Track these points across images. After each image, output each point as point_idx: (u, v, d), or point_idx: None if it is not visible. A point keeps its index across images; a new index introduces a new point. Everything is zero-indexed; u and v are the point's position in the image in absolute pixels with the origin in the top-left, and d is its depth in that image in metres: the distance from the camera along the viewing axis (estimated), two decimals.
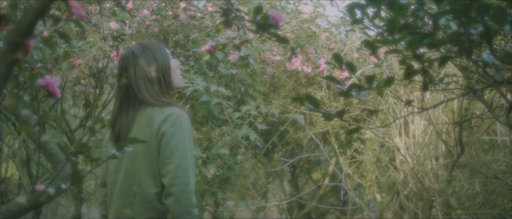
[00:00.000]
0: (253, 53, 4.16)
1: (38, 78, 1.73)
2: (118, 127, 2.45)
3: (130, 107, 2.45)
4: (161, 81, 2.48)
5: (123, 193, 2.43)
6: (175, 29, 4.36)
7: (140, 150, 2.36)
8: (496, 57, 1.68)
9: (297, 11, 4.96)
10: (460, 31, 1.58)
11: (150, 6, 4.48)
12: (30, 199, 1.78)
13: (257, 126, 4.03)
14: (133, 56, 2.46)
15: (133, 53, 2.47)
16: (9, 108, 2.02)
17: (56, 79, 1.73)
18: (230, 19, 2.10)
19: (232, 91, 4.30)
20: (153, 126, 2.35)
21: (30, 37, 1.47)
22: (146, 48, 2.49)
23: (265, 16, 2.00)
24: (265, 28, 2.02)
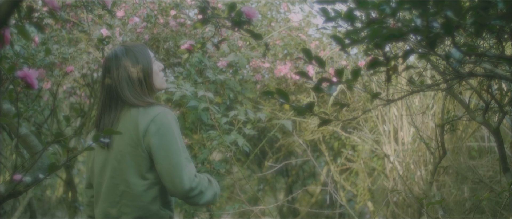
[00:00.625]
0: (241, 60, 4.22)
1: (16, 70, 1.78)
2: (101, 126, 2.50)
3: (113, 108, 2.49)
4: (142, 83, 2.52)
5: (109, 193, 2.47)
6: (166, 37, 4.43)
7: (126, 150, 2.41)
8: (458, 50, 1.74)
9: (287, 20, 5.03)
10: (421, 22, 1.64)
11: (141, 14, 4.56)
12: (7, 188, 1.83)
13: (245, 132, 4.07)
14: (116, 57, 2.51)
15: (116, 55, 2.52)
16: None
17: (34, 72, 1.79)
18: (207, 17, 2.17)
19: (222, 98, 4.35)
20: (139, 126, 2.40)
21: (5, 27, 1.53)
22: (129, 50, 2.54)
23: (239, 13, 2.07)
24: (239, 24, 2.09)
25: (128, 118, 2.44)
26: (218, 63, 4.22)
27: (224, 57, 4.25)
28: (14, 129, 2.04)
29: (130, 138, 2.40)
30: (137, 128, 2.40)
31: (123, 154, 2.43)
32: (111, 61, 2.52)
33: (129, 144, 2.41)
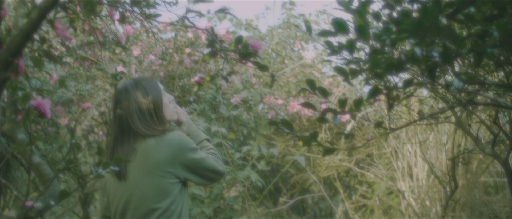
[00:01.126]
0: (255, 97, 4.28)
1: (30, 100, 1.85)
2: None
3: (126, 140, 2.51)
4: (153, 114, 2.53)
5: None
6: (181, 74, 4.52)
7: (148, 179, 2.39)
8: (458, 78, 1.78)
9: (300, 57, 5.11)
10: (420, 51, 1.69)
11: (156, 52, 4.66)
12: (19, 214, 1.88)
13: (259, 167, 4.10)
14: (126, 90, 2.55)
15: (126, 88, 2.56)
16: (7, 132, 2.14)
17: (47, 101, 1.85)
18: (215, 50, 2.23)
19: (235, 134, 4.40)
20: (161, 155, 2.41)
21: (20, 56, 1.60)
22: (139, 82, 2.59)
23: (245, 45, 2.13)
24: (246, 56, 2.15)
25: (146, 147, 2.44)
26: (231, 99, 4.28)
27: (237, 94, 4.32)
28: (27, 157, 2.10)
29: (152, 166, 2.41)
30: (158, 156, 2.41)
31: (145, 183, 2.42)
32: (121, 94, 2.56)
33: (151, 172, 2.41)
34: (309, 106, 2.10)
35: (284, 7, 5.62)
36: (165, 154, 2.41)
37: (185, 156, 2.42)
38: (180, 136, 2.47)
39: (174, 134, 2.47)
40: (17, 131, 2.13)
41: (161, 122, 2.58)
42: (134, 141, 2.49)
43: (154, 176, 2.42)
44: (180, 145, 2.43)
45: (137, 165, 2.43)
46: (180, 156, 2.42)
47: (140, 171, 2.43)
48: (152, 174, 2.41)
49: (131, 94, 2.53)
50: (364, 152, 5.09)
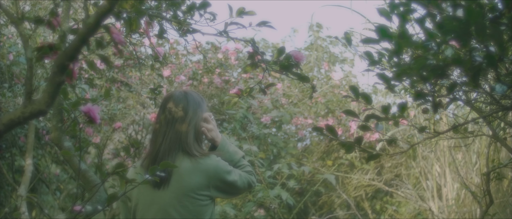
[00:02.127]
0: (285, 116, 4.32)
1: (80, 105, 1.90)
2: (158, 161, 2.42)
3: (172, 152, 2.46)
4: (199, 134, 2.54)
5: None
6: (211, 94, 4.58)
7: (183, 197, 2.41)
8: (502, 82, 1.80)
9: (328, 78, 5.15)
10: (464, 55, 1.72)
11: (187, 73, 4.73)
12: (68, 217, 1.92)
13: (290, 185, 4.12)
14: (194, 102, 2.52)
15: (194, 99, 2.53)
16: (53, 141, 2.20)
17: (97, 107, 1.91)
18: (256, 62, 2.28)
19: (265, 153, 4.42)
20: (197, 179, 2.42)
21: (75, 60, 1.66)
22: (202, 98, 2.60)
23: (288, 57, 2.17)
24: (287, 68, 2.19)
25: (183, 169, 2.43)
26: (261, 119, 4.32)
27: (267, 113, 4.35)
28: (75, 164, 2.15)
29: (188, 189, 2.40)
30: (195, 180, 2.41)
31: (182, 205, 2.42)
32: (188, 104, 2.51)
33: (187, 194, 2.41)
34: (351, 114, 2.13)
35: (311, 29, 5.68)
36: (202, 180, 2.42)
37: (221, 179, 2.44)
38: (216, 162, 2.47)
39: (211, 160, 2.46)
40: (63, 139, 2.18)
41: (201, 142, 2.59)
42: (176, 155, 2.48)
43: (190, 198, 2.41)
44: (216, 170, 2.43)
45: (172, 184, 2.42)
46: (216, 180, 2.44)
47: (175, 192, 2.42)
48: (188, 197, 2.41)
49: (197, 110, 2.53)
50: (393, 172, 5.08)
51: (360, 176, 4.90)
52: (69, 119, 2.21)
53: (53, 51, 1.78)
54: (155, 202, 2.44)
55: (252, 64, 2.27)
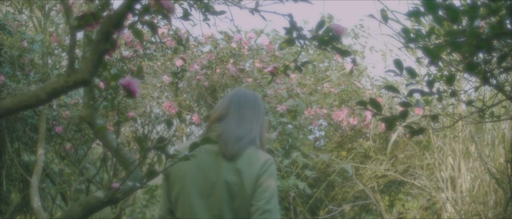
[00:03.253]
0: (300, 105, 4.26)
1: (119, 78, 1.84)
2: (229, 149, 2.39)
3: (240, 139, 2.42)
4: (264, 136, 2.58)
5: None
6: (225, 83, 4.52)
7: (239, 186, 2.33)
8: None
9: (342, 68, 5.10)
10: None
11: (199, 63, 4.67)
12: (107, 194, 1.86)
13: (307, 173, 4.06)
14: (260, 104, 2.57)
15: (259, 101, 2.57)
16: (85, 118, 2.13)
17: (137, 80, 1.85)
18: (293, 38, 2.22)
19: (280, 143, 4.37)
20: (256, 167, 2.36)
21: (121, 28, 1.60)
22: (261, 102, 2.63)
23: (328, 30, 2.11)
24: (327, 42, 2.13)
25: (248, 156, 2.39)
26: (277, 108, 4.27)
27: (282, 103, 4.30)
28: (108, 142, 2.09)
29: (244, 175, 2.34)
30: (254, 168, 2.36)
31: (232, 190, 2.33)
32: (261, 106, 2.57)
33: (245, 179, 2.34)
34: (392, 90, 2.07)
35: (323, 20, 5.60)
36: (257, 168, 2.35)
37: (268, 177, 2.36)
38: (271, 158, 2.44)
39: (267, 154, 2.44)
40: (96, 116, 2.12)
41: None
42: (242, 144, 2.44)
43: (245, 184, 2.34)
44: (269, 165, 2.38)
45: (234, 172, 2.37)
46: (264, 174, 2.35)
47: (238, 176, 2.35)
48: (245, 182, 2.33)
49: (263, 111, 2.57)
50: (406, 163, 5.04)
51: (375, 166, 4.86)
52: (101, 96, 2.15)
53: (95, 20, 1.72)
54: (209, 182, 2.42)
55: (289, 40, 2.22)
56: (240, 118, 2.43)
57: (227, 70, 4.60)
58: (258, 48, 4.90)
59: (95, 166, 6.85)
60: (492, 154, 4.84)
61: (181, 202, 2.33)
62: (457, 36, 1.74)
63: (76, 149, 6.13)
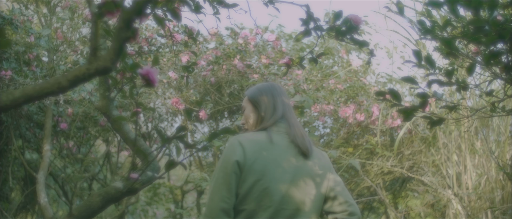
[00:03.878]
0: (307, 101, 4.25)
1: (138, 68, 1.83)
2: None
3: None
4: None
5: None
6: (232, 79, 4.51)
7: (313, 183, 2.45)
8: None
9: (348, 63, 5.09)
10: None
11: (206, 58, 4.66)
12: (126, 184, 1.85)
13: None
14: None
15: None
16: (101, 109, 2.12)
17: (155, 70, 1.83)
18: (309, 29, 2.20)
19: None
20: (325, 163, 2.55)
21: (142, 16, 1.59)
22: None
23: (346, 21, 2.09)
24: (345, 33, 2.12)
25: (315, 151, 2.53)
26: None
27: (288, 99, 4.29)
28: (125, 133, 2.07)
29: (319, 170, 2.46)
30: (325, 163, 2.50)
31: (312, 183, 2.41)
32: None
33: (321, 174, 2.44)
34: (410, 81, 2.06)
35: (328, 16, 5.62)
36: (328, 166, 2.55)
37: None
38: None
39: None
40: (111, 107, 2.11)
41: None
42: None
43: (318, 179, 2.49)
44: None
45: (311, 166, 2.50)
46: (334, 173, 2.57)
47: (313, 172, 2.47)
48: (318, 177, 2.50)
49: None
50: (412, 160, 5.03)
51: (382, 162, 4.85)
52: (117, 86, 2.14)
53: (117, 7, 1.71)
54: (288, 176, 2.44)
55: (306, 31, 2.21)
56: (293, 113, 2.60)
57: (232, 66, 4.58)
58: (264, 44, 4.89)
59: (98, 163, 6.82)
60: (498, 150, 4.84)
61: (257, 194, 2.32)
62: (481, 25, 1.73)
63: (78, 147, 6.11)
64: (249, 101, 2.64)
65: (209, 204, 2.31)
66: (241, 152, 2.35)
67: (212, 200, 2.31)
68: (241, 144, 2.37)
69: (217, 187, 2.32)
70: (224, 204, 2.30)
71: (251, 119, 2.61)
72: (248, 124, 2.63)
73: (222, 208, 2.29)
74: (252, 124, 2.61)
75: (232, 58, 4.63)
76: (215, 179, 2.34)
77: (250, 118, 2.61)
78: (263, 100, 2.61)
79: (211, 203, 2.30)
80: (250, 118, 2.61)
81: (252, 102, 2.63)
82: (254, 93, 2.66)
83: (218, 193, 2.31)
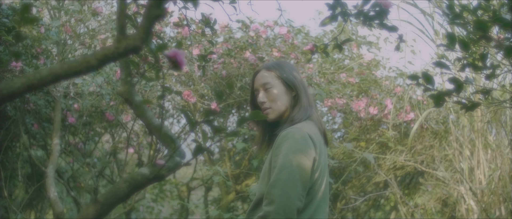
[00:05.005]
0: (321, 93, 4.19)
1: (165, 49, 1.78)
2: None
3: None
4: None
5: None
6: (244, 72, 4.45)
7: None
8: None
9: (359, 57, 5.03)
10: None
11: (216, 51, 4.60)
12: (152, 171, 1.79)
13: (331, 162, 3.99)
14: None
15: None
16: (122, 95, 2.06)
17: (183, 52, 1.77)
18: (336, 14, 2.14)
19: None
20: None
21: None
22: None
23: (375, 5, 2.03)
24: (373, 18, 2.05)
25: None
26: None
27: None
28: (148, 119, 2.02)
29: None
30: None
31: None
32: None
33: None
34: (441, 65, 2.01)
35: None
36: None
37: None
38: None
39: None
40: (134, 93, 2.05)
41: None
42: None
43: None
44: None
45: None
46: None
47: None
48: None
49: None
50: (425, 153, 4.98)
51: (395, 156, 4.79)
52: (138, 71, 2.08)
53: None
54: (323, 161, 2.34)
55: (332, 17, 2.15)
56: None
57: (243, 60, 4.52)
58: (275, 37, 4.84)
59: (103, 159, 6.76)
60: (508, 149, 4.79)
61: (318, 186, 2.21)
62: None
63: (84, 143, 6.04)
64: (279, 79, 2.37)
65: (283, 200, 2.02)
66: (314, 147, 2.17)
67: (287, 197, 2.03)
68: (311, 138, 2.18)
69: (293, 182, 2.05)
70: (299, 204, 2.06)
71: (280, 101, 2.34)
72: (276, 104, 2.34)
73: (298, 208, 2.06)
74: (282, 105, 2.34)
75: (243, 52, 4.58)
76: (289, 173, 2.06)
77: (279, 98, 2.34)
78: (296, 79, 2.39)
79: (287, 200, 2.02)
80: (279, 98, 2.34)
81: (285, 81, 2.37)
82: (285, 69, 2.40)
83: (295, 190, 2.05)
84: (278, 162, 2.12)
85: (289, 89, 2.38)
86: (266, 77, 2.39)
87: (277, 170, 2.10)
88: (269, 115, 2.36)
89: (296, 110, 2.33)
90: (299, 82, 2.40)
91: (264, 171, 2.27)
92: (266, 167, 2.26)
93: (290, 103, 2.37)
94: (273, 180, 2.08)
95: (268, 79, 2.39)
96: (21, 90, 1.49)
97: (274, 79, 2.38)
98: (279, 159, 2.12)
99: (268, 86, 2.37)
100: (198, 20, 2.93)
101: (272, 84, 2.37)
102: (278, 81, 2.37)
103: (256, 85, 2.44)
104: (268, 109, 2.36)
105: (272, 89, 2.36)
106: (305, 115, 2.32)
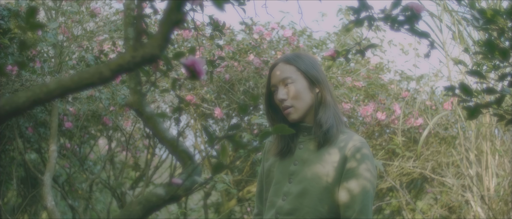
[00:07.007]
0: None
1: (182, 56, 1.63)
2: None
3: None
4: None
5: None
6: (248, 76, 4.30)
7: None
8: None
9: (366, 61, 4.90)
10: None
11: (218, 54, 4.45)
12: (168, 191, 1.64)
13: None
14: None
15: None
16: (132, 105, 1.90)
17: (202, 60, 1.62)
18: (362, 18, 1.99)
19: None
20: None
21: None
22: None
23: (406, 9, 1.88)
24: (403, 23, 1.90)
25: None
26: None
27: None
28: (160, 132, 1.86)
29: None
30: None
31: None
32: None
33: None
34: (476, 74, 1.86)
35: (341, 12, 5.43)
36: None
37: None
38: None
39: None
40: (144, 102, 1.89)
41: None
42: None
43: None
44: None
45: None
46: None
47: None
48: None
49: None
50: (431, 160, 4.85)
51: (402, 163, 4.65)
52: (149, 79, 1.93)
53: None
54: None
55: (358, 21, 2.00)
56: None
57: (247, 63, 4.37)
58: (279, 40, 4.69)
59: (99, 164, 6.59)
60: None
61: None
62: None
63: (79, 147, 5.88)
64: (301, 73, 2.11)
65: (370, 217, 1.94)
66: None
67: (371, 213, 1.96)
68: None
69: (371, 204, 1.97)
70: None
71: (304, 98, 2.09)
72: (298, 102, 2.08)
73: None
74: (305, 104, 2.09)
75: (246, 54, 4.43)
76: (371, 196, 1.96)
77: (302, 96, 2.09)
78: (320, 73, 2.16)
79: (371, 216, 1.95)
80: (302, 96, 2.09)
81: (308, 75, 2.11)
82: (306, 61, 2.14)
83: (371, 212, 1.97)
84: (365, 175, 1.97)
85: (312, 85, 2.12)
86: (286, 71, 2.11)
87: (369, 184, 1.96)
88: (291, 114, 2.10)
89: (322, 111, 2.09)
90: (323, 77, 2.16)
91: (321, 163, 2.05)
92: (325, 159, 2.04)
93: (314, 100, 2.12)
94: (365, 192, 1.95)
95: (288, 73, 2.11)
96: (26, 106, 1.32)
97: (295, 73, 2.11)
98: (365, 172, 1.98)
99: (289, 81, 2.09)
100: (206, 23, 2.78)
101: (294, 79, 2.09)
102: (300, 76, 2.11)
103: (274, 81, 2.15)
104: (290, 108, 2.09)
105: (293, 85, 2.09)
106: (342, 121, 2.14)
